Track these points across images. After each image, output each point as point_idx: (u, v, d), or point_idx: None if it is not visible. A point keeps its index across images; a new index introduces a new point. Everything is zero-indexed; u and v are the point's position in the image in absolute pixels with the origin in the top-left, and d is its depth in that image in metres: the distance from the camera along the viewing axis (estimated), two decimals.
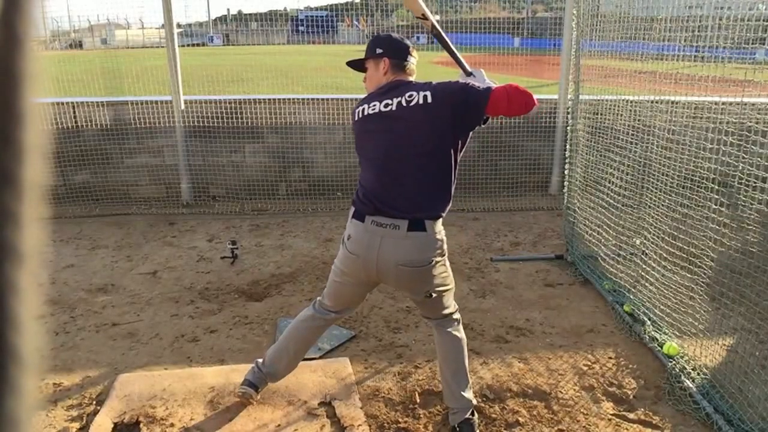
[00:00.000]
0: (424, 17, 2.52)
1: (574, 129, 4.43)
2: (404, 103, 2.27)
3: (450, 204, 2.36)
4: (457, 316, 2.55)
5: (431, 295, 2.38)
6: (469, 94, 2.22)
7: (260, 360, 2.65)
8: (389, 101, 2.31)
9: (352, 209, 2.37)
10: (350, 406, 2.65)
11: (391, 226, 2.25)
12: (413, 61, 2.44)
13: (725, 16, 2.77)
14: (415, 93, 2.27)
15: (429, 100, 2.24)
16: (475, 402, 2.56)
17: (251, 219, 5.53)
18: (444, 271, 2.39)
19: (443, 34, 2.52)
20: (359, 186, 2.38)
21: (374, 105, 2.34)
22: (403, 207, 2.26)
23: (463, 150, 2.36)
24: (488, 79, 2.41)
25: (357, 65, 2.50)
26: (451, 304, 2.51)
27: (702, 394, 2.72)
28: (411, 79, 2.43)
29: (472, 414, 2.49)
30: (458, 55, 2.51)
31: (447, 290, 2.44)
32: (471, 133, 2.34)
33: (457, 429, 2.48)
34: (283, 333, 2.67)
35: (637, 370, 3.02)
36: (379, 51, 2.40)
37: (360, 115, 2.39)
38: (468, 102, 2.22)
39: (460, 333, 2.54)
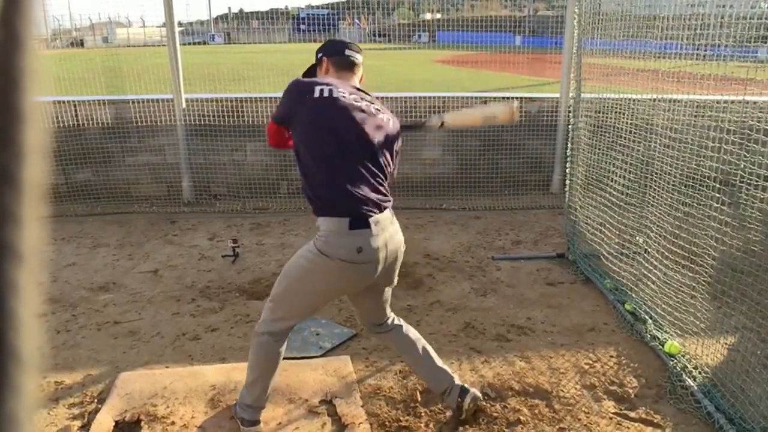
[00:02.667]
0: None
1: (575, 128, 4.43)
2: (373, 110, 2.29)
3: None
4: None
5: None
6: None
7: (245, 397, 2.44)
8: (356, 96, 2.27)
9: (340, 223, 2.16)
10: (351, 404, 2.65)
11: (389, 219, 2.28)
12: (355, 55, 2.40)
13: (727, 15, 2.76)
14: (381, 108, 2.34)
15: (395, 126, 2.35)
16: (451, 371, 2.59)
17: (252, 217, 5.54)
18: None
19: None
20: (337, 191, 2.17)
21: (341, 92, 2.21)
22: (385, 193, 2.29)
23: None
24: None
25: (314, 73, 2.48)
26: None
27: (703, 392, 2.72)
28: (359, 84, 2.43)
29: (461, 388, 2.54)
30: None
31: None
32: None
33: (460, 401, 2.50)
34: (252, 369, 2.41)
35: (639, 369, 3.01)
36: (319, 55, 2.43)
37: (328, 95, 2.18)
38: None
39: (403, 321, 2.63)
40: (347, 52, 2.39)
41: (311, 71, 2.49)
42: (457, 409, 2.53)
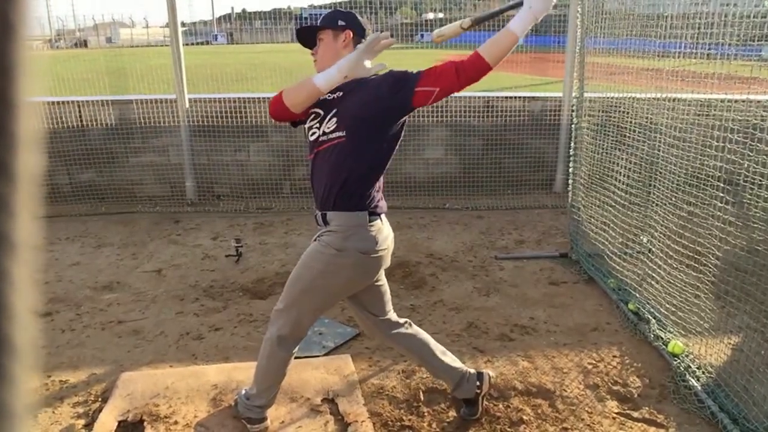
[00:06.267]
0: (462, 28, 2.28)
1: (578, 127, 4.42)
2: None
3: None
4: None
5: None
6: None
7: (255, 399, 2.45)
8: None
9: (364, 217, 2.21)
10: (353, 402, 2.65)
11: None
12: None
13: (731, 13, 2.75)
14: None
15: None
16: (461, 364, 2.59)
17: (255, 217, 5.54)
18: None
19: (481, 16, 2.32)
20: (378, 187, 2.30)
21: None
22: None
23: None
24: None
25: (307, 36, 2.27)
26: None
27: (707, 392, 2.71)
28: None
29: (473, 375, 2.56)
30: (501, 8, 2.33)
31: None
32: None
33: (478, 386, 2.53)
34: (265, 377, 2.42)
35: (642, 369, 3.00)
36: (341, 23, 2.22)
37: None
38: None
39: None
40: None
41: (308, 35, 2.28)
42: (474, 401, 2.55)
